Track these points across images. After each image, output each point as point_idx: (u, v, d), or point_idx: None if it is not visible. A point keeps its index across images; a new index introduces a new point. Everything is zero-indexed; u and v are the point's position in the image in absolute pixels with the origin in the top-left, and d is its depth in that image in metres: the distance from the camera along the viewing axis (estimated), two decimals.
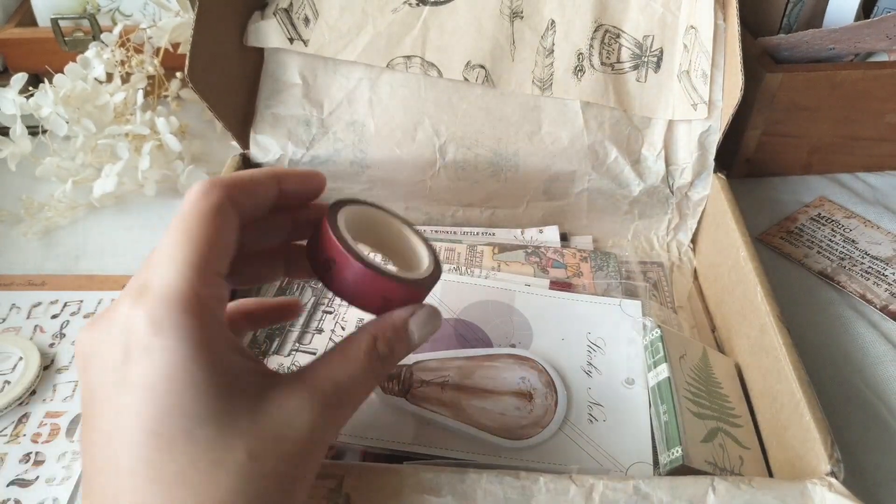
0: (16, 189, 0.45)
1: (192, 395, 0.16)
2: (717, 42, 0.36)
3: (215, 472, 0.16)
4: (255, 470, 0.16)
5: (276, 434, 0.17)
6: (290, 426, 0.18)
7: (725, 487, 0.22)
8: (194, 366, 0.16)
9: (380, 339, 0.21)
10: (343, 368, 0.20)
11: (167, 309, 0.16)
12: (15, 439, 0.31)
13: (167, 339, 0.16)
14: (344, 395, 0.19)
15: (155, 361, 0.16)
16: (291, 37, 0.38)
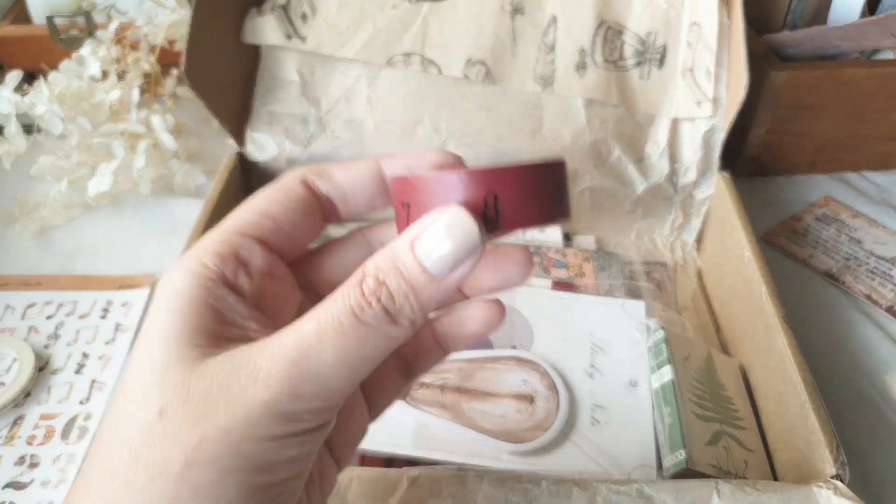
0: (11, 188, 0.44)
1: (144, 346, 0.15)
2: (721, 39, 0.35)
3: (122, 428, 0.15)
4: (159, 430, 0.14)
5: (199, 393, 0.14)
6: (220, 385, 0.14)
7: (730, 490, 0.22)
8: (159, 317, 0.15)
9: (370, 273, 0.15)
10: (312, 314, 0.15)
11: (180, 265, 0.16)
12: (9, 442, 0.30)
13: (156, 300, 0.16)
14: (305, 347, 0.14)
15: (150, 310, 0.16)
16: (289, 33, 0.38)
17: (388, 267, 0.15)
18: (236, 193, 0.37)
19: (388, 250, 0.15)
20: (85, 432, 0.31)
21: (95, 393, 0.33)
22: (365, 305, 0.15)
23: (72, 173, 0.42)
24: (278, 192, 0.18)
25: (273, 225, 0.17)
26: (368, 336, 0.15)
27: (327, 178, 0.18)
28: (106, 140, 0.42)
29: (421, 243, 0.15)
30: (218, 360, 0.15)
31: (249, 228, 0.17)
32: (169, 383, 0.14)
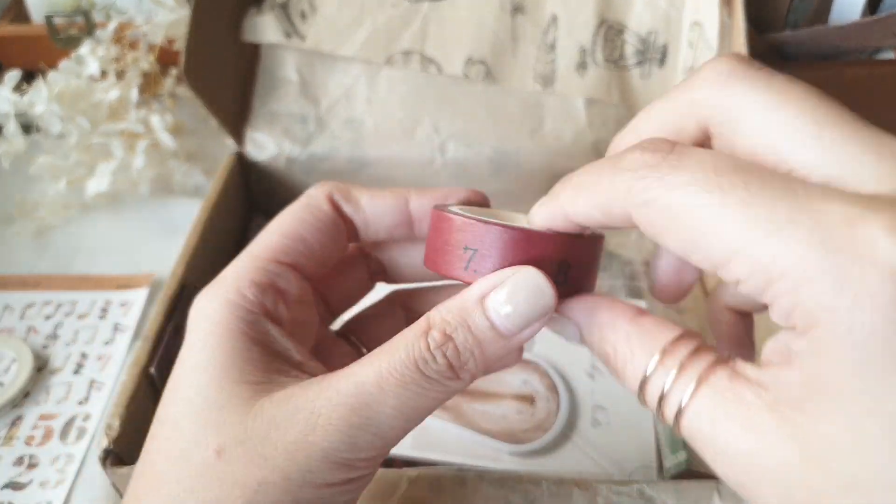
0: (9, 188, 0.44)
1: (191, 380, 0.15)
2: (722, 39, 0.35)
3: (179, 466, 0.14)
4: (218, 471, 0.14)
5: (258, 434, 0.14)
6: (279, 428, 0.14)
7: (730, 491, 0.21)
8: (200, 350, 0.15)
9: (436, 325, 0.14)
10: (374, 363, 0.14)
11: (216, 292, 0.16)
12: (8, 442, 0.30)
13: (198, 324, 0.16)
14: (365, 395, 0.14)
15: (183, 350, 0.16)
16: (288, 32, 0.38)
17: (457, 321, 0.14)
18: (235, 193, 0.37)
19: (457, 303, 0.15)
20: (83, 433, 0.31)
21: (94, 393, 0.33)
22: (429, 359, 0.14)
23: (70, 173, 0.42)
24: (307, 212, 0.18)
25: (305, 250, 0.17)
26: (429, 389, 0.14)
27: (353, 202, 0.18)
28: (105, 140, 0.42)
29: (493, 300, 0.14)
30: (274, 402, 0.15)
31: (284, 255, 0.17)
32: (225, 423, 0.14)
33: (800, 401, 0.11)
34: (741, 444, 0.12)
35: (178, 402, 0.15)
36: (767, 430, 0.11)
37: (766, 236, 0.11)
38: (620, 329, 0.14)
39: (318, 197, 0.18)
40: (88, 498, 0.28)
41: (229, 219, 0.36)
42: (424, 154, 0.38)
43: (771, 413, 0.12)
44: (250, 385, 0.15)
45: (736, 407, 0.12)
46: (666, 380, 0.13)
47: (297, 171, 0.38)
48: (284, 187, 0.39)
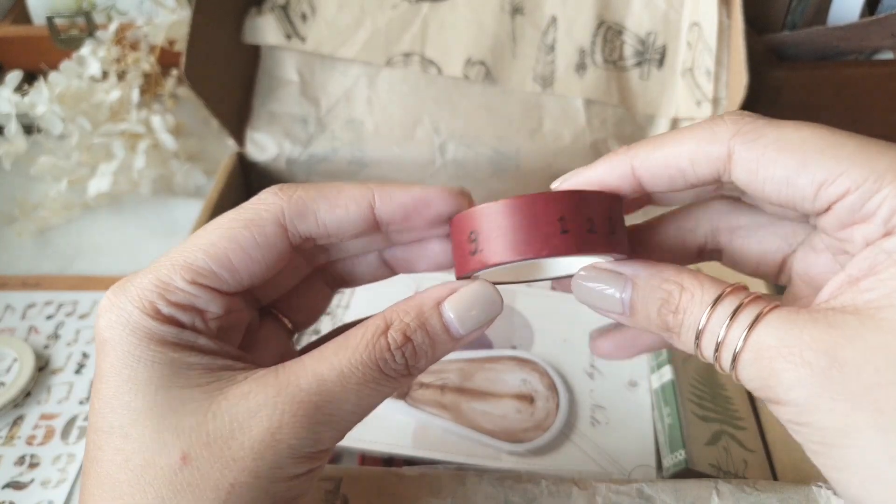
0: (10, 188, 0.44)
1: (131, 389, 0.14)
2: (721, 39, 0.35)
3: (144, 475, 0.14)
4: (187, 476, 0.14)
5: (222, 435, 0.14)
6: (242, 427, 0.14)
7: (730, 490, 0.21)
8: (135, 360, 0.15)
9: (395, 324, 0.15)
10: (333, 361, 0.15)
11: (126, 303, 0.15)
12: (10, 441, 0.30)
13: (117, 332, 0.15)
14: (328, 394, 0.15)
15: (107, 354, 0.15)
16: (289, 33, 0.38)
17: (416, 324, 0.15)
18: (236, 193, 0.37)
19: (415, 305, 0.15)
20: (85, 432, 0.31)
21: None
22: (389, 359, 0.15)
23: (72, 173, 0.42)
24: (245, 233, 0.15)
25: (231, 278, 0.16)
26: (385, 386, 0.15)
27: (309, 219, 0.16)
28: (106, 140, 0.42)
29: (450, 307, 0.15)
30: (231, 400, 0.15)
31: (204, 279, 0.15)
32: (184, 427, 0.14)
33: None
34: (796, 374, 0.13)
35: (116, 410, 0.15)
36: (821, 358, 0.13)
37: (875, 153, 0.13)
38: (685, 274, 0.15)
39: (266, 218, 0.16)
40: None
41: None
42: (424, 155, 0.38)
43: (831, 329, 0.13)
44: (200, 387, 0.15)
45: (790, 342, 0.13)
46: (721, 327, 0.14)
47: (297, 172, 0.39)
48: None
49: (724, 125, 0.15)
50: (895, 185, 0.13)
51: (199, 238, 0.16)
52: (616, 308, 0.16)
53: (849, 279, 0.14)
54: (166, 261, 0.16)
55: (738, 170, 0.15)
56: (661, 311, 0.15)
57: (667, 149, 0.15)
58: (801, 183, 0.14)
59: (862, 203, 0.13)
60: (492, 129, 0.38)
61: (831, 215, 0.14)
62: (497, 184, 0.39)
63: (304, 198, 0.16)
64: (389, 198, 0.16)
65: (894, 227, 0.13)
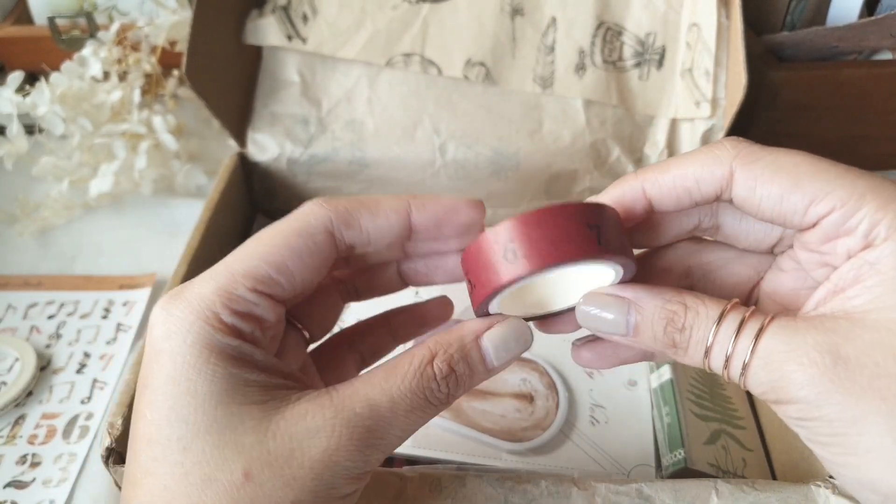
0: (12, 188, 0.44)
1: (191, 402, 0.15)
2: (720, 40, 0.36)
3: (205, 490, 0.14)
4: (249, 493, 0.14)
5: (282, 454, 0.15)
6: (301, 447, 0.15)
7: (729, 490, 0.22)
8: (196, 373, 0.15)
9: (440, 354, 0.16)
10: (384, 387, 0.16)
11: (186, 313, 0.15)
12: (11, 441, 0.31)
13: (175, 343, 0.15)
14: (379, 417, 0.16)
15: (163, 364, 0.15)
16: (290, 34, 0.38)
17: (459, 355, 0.17)
18: (237, 193, 0.38)
19: (458, 339, 0.17)
20: (86, 432, 0.31)
21: (97, 392, 0.33)
22: (434, 388, 0.16)
23: (73, 174, 0.42)
24: (300, 242, 0.16)
25: (287, 283, 0.16)
26: (428, 412, 0.17)
27: (354, 227, 0.17)
28: (107, 140, 0.42)
29: (489, 341, 0.17)
30: (289, 420, 0.15)
31: (265, 286, 0.16)
32: (245, 444, 0.15)
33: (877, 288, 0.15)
34: (806, 374, 0.14)
35: (174, 422, 0.15)
36: (824, 354, 0.14)
37: (857, 177, 0.15)
38: (685, 294, 0.17)
39: (316, 226, 0.17)
40: (91, 496, 0.29)
41: (231, 219, 0.36)
42: (425, 155, 0.38)
43: (829, 333, 0.15)
44: (258, 405, 0.15)
45: (795, 346, 0.15)
46: (728, 341, 0.16)
47: (298, 172, 0.39)
48: (285, 188, 0.39)
49: (725, 149, 0.17)
50: (874, 205, 0.15)
51: (253, 247, 0.16)
52: (620, 330, 0.17)
53: (834, 289, 0.16)
54: (223, 269, 0.16)
55: (738, 188, 0.16)
56: (668, 329, 0.16)
57: (674, 171, 0.17)
58: (793, 200, 0.16)
59: (845, 219, 0.15)
60: (492, 130, 0.38)
61: (818, 230, 0.16)
62: (497, 184, 0.39)
63: (349, 208, 0.17)
64: (423, 207, 0.18)
65: (873, 240, 0.15)
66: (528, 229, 0.15)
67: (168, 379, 0.15)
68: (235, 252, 0.17)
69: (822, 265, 0.17)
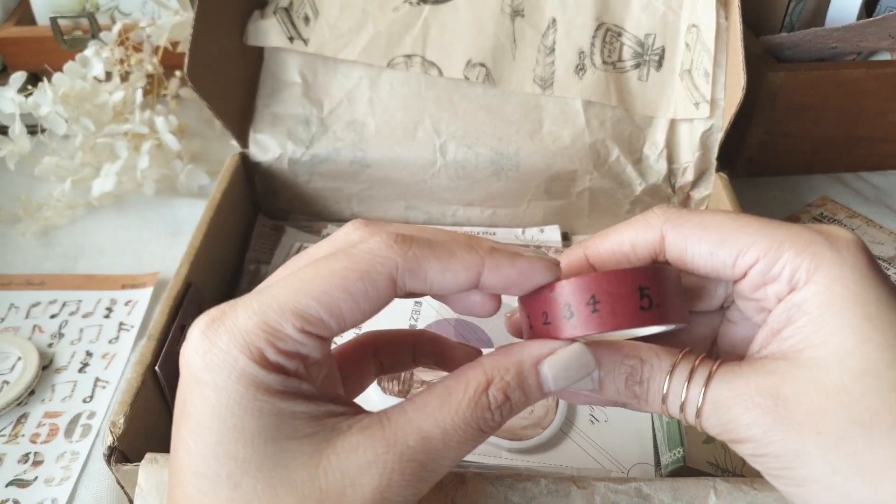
0: (14, 188, 0.45)
1: (239, 438, 0.14)
2: (719, 41, 0.36)
3: None
4: None
5: (334, 491, 0.15)
6: (353, 484, 0.15)
7: (727, 489, 0.22)
8: (242, 409, 0.14)
9: (496, 382, 0.16)
10: (438, 418, 0.15)
11: (230, 346, 0.15)
12: (13, 439, 0.31)
13: (219, 376, 0.14)
14: (431, 450, 0.15)
15: (206, 396, 0.15)
16: (291, 36, 0.38)
17: (515, 382, 0.16)
18: (239, 193, 0.38)
19: (516, 364, 0.16)
20: (88, 430, 0.31)
21: (99, 391, 0.33)
22: (489, 418, 0.16)
23: (76, 173, 0.43)
24: (360, 286, 0.15)
25: (338, 327, 0.15)
26: (480, 440, 0.16)
27: (420, 277, 0.16)
28: (110, 141, 0.42)
29: (549, 368, 0.17)
30: (340, 454, 0.15)
31: (314, 327, 0.15)
32: (296, 482, 0.15)
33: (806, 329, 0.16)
34: (751, 416, 0.16)
35: (221, 458, 0.14)
36: (765, 399, 0.16)
37: (775, 228, 0.17)
38: (640, 347, 0.18)
39: (381, 273, 0.15)
40: (93, 495, 0.29)
41: (233, 219, 0.37)
42: (425, 155, 0.38)
43: (769, 376, 0.16)
44: (307, 438, 0.15)
45: (739, 391, 0.16)
46: (681, 389, 0.17)
47: (299, 172, 0.39)
48: (287, 188, 0.40)
49: (655, 216, 0.18)
50: (792, 252, 0.16)
51: (309, 281, 0.15)
52: (588, 385, 0.18)
53: (771, 331, 0.17)
54: (272, 302, 0.15)
55: (670, 249, 0.18)
56: (628, 383, 0.17)
57: (611, 237, 0.19)
58: (721, 254, 0.17)
59: (769, 267, 0.17)
60: (492, 130, 0.38)
61: (748, 280, 0.17)
62: (497, 184, 0.39)
63: (419, 256, 0.16)
64: (497, 269, 0.16)
65: (796, 283, 0.16)
66: (609, 289, 0.16)
67: (213, 413, 0.15)
68: (286, 278, 0.16)
69: (760, 310, 0.18)
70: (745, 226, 0.17)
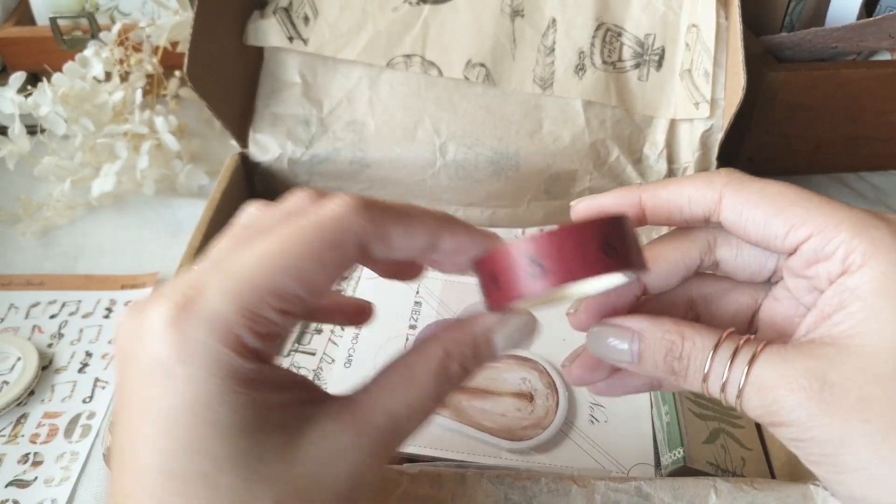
0: (14, 188, 0.44)
1: (214, 434, 0.14)
2: (719, 41, 0.36)
3: None
4: None
5: (311, 481, 0.15)
6: (328, 470, 0.15)
7: (727, 489, 0.22)
8: (218, 403, 0.14)
9: (454, 356, 0.17)
10: (404, 396, 0.16)
11: (205, 334, 0.14)
12: (13, 440, 0.31)
13: (193, 369, 0.14)
14: (399, 428, 0.16)
15: (177, 390, 0.14)
16: (291, 36, 0.38)
17: (471, 354, 0.17)
18: (239, 193, 0.38)
19: (471, 337, 0.17)
20: (88, 431, 0.31)
21: (98, 391, 0.33)
22: (448, 390, 0.17)
23: (75, 174, 0.43)
24: (333, 254, 0.15)
25: (312, 301, 0.15)
26: (440, 407, 0.17)
27: (385, 242, 0.16)
28: (109, 141, 0.42)
29: (500, 337, 0.17)
30: (314, 443, 0.15)
31: (291, 305, 0.15)
32: (273, 475, 0.14)
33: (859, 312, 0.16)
34: (796, 398, 0.15)
35: (194, 456, 0.14)
36: (809, 381, 0.15)
37: (835, 207, 0.17)
38: (684, 325, 0.18)
39: (350, 240, 0.15)
40: (92, 495, 0.29)
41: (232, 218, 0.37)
42: (425, 155, 0.38)
43: (813, 359, 0.16)
44: (280, 430, 0.15)
45: (785, 372, 0.16)
46: (724, 368, 0.17)
47: (299, 172, 0.39)
48: (287, 188, 0.40)
49: (718, 176, 0.18)
50: (849, 232, 0.16)
51: (279, 256, 0.14)
52: (626, 358, 0.18)
53: (821, 315, 0.17)
54: (245, 282, 0.14)
55: (726, 212, 0.18)
56: (667, 358, 0.18)
57: (671, 188, 0.19)
58: (774, 224, 0.17)
59: (823, 245, 0.16)
60: (492, 130, 0.38)
61: (799, 255, 0.17)
62: (496, 184, 0.39)
63: (385, 221, 0.16)
64: (453, 236, 0.17)
65: (850, 265, 0.16)
66: (552, 248, 0.16)
67: (186, 408, 0.14)
68: (246, 251, 0.15)
69: (810, 290, 0.18)
70: (804, 199, 0.17)
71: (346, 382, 0.29)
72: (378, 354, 0.30)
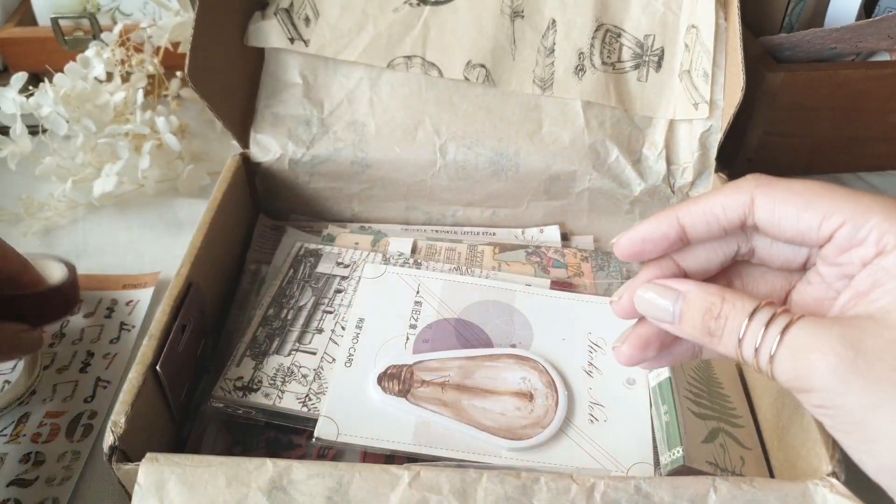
0: (16, 188, 0.45)
1: None
2: (718, 41, 0.36)
3: None
4: None
5: None
6: None
7: (727, 488, 0.22)
8: None
9: None
10: None
11: None
12: (15, 439, 0.31)
13: None
14: None
15: None
16: (292, 37, 0.38)
17: None
18: (240, 194, 0.38)
19: None
20: (89, 430, 0.31)
21: (100, 391, 0.33)
22: None
23: (77, 174, 0.43)
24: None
25: None
26: None
27: None
28: (111, 141, 0.42)
29: None
30: None
31: None
32: None
33: None
34: (829, 363, 0.16)
35: None
36: (844, 348, 0.16)
37: (862, 195, 0.18)
38: (726, 290, 0.19)
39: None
40: (95, 494, 0.29)
41: (234, 219, 0.37)
42: (425, 156, 0.38)
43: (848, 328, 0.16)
44: None
45: (819, 338, 0.16)
46: (759, 332, 0.17)
47: (300, 173, 0.39)
48: (287, 188, 0.40)
49: (746, 182, 0.20)
50: (880, 216, 0.17)
51: None
52: (668, 317, 0.20)
53: (855, 293, 0.18)
54: None
55: (759, 211, 0.19)
56: (705, 317, 0.19)
57: (704, 201, 0.20)
58: (807, 217, 0.18)
59: (856, 231, 0.17)
60: (492, 131, 0.38)
61: (833, 243, 0.18)
62: (497, 184, 0.39)
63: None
64: None
65: (884, 247, 0.17)
66: None
67: None
68: None
69: (842, 277, 0.19)
70: (832, 191, 0.18)
71: (346, 382, 0.29)
72: (378, 354, 0.30)
